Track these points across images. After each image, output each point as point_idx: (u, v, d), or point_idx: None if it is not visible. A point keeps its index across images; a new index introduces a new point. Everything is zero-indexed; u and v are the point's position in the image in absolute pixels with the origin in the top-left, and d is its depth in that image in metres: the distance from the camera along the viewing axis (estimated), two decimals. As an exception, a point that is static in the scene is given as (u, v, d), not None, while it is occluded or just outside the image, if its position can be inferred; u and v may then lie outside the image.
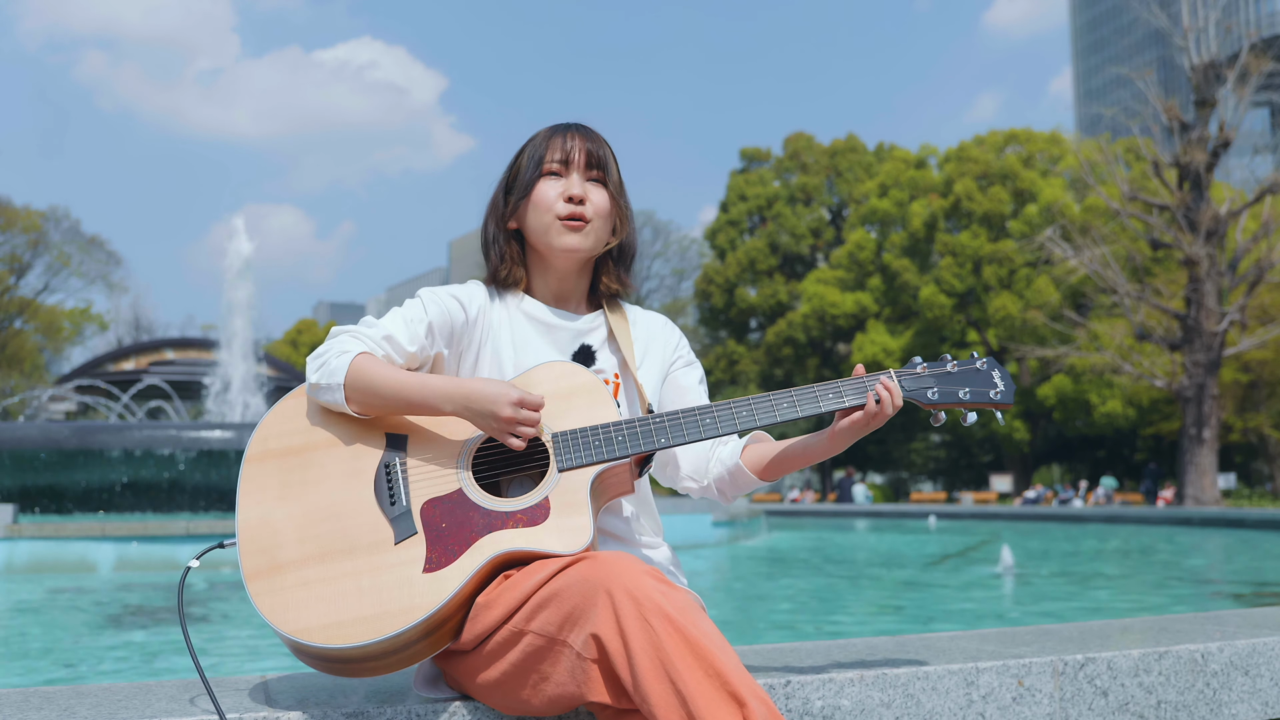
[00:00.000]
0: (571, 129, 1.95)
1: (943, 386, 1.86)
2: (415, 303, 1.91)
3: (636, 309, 2.10)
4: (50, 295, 50.36)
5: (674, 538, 2.11)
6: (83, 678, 3.99)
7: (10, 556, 8.22)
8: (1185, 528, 17.32)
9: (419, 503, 1.71)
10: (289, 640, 1.63)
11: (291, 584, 1.65)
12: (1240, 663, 2.31)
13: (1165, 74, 68.41)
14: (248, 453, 1.77)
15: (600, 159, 1.95)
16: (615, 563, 1.55)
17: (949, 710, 2.02)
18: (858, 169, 49.53)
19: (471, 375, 1.92)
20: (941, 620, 5.83)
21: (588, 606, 1.52)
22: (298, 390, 1.84)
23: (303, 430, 1.79)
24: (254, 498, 1.73)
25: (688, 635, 1.46)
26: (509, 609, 1.61)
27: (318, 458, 1.76)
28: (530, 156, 1.95)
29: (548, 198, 1.92)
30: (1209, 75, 26.88)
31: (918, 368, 1.87)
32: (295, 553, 1.67)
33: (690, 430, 1.79)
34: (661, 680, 1.43)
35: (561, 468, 1.74)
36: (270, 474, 1.75)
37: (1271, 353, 32.36)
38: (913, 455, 49.96)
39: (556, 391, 1.81)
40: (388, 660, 1.65)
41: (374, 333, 1.83)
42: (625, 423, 1.78)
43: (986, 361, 1.90)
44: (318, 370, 1.78)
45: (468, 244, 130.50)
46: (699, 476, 2.03)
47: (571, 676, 1.54)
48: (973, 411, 1.87)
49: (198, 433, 11.32)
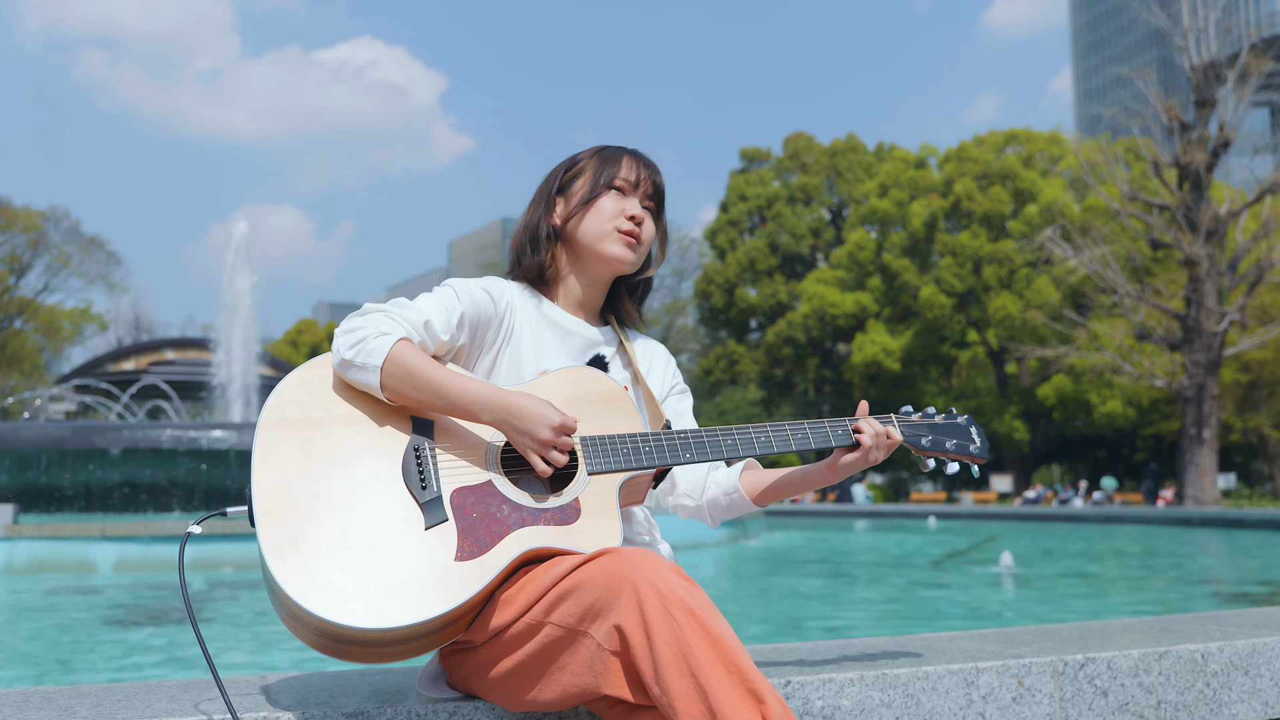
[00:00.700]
0: (642, 157, 2.02)
1: (934, 436, 1.99)
2: (448, 291, 1.87)
3: (637, 334, 2.13)
4: (50, 295, 50.43)
5: (674, 537, 2.11)
6: (83, 678, 3.99)
7: (10, 556, 8.22)
8: (1185, 528, 17.32)
9: (449, 489, 1.68)
10: (308, 615, 1.56)
11: (316, 560, 1.59)
12: (1240, 663, 2.31)
13: (1165, 74, 68.43)
14: (263, 418, 1.71)
15: (661, 193, 2.03)
16: (639, 557, 1.56)
17: (949, 710, 2.02)
18: (858, 169, 49.53)
19: (490, 373, 1.91)
20: (941, 620, 5.83)
21: (612, 599, 1.52)
22: (317, 360, 1.79)
23: (323, 401, 1.74)
24: (272, 465, 1.67)
25: (710, 631, 1.47)
26: (527, 603, 1.62)
27: (340, 432, 1.71)
28: (600, 168, 1.98)
29: (611, 209, 1.96)
30: (1209, 75, 26.88)
31: (913, 415, 2.01)
32: (320, 528, 1.62)
33: (714, 449, 1.84)
34: (684, 674, 1.44)
35: (591, 471, 1.75)
36: (289, 443, 1.69)
37: (1271, 353, 32.36)
38: (912, 456, 49.86)
39: (581, 396, 1.83)
40: (402, 648, 1.63)
41: (412, 316, 1.79)
42: (653, 435, 1.81)
43: (966, 418, 2.04)
44: (353, 347, 1.72)
45: (468, 244, 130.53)
46: (695, 495, 2.06)
47: (589, 668, 1.54)
48: (954, 463, 1.99)
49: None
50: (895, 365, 42.77)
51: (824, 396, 49.33)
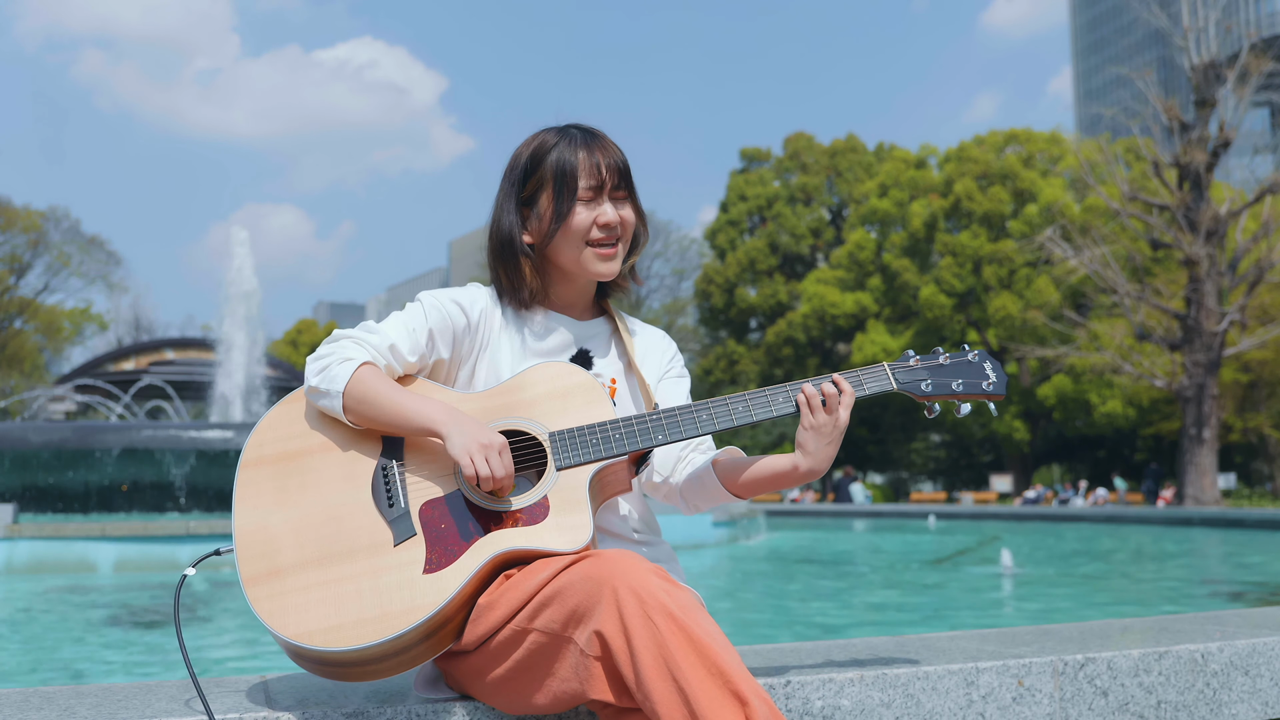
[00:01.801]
0: (594, 146, 1.89)
1: (936, 379, 1.86)
2: (416, 308, 1.87)
3: (636, 321, 2.10)
4: (50, 295, 50.40)
5: (674, 537, 2.11)
6: (83, 678, 3.99)
7: (10, 556, 8.22)
8: (1185, 528, 17.31)
9: (418, 504, 1.70)
10: (289, 645, 1.62)
11: (290, 588, 1.63)
12: (1240, 663, 2.31)
13: (1165, 74, 68.42)
14: (243, 459, 1.76)
15: (625, 171, 1.92)
16: (619, 560, 1.55)
17: (949, 710, 2.02)
18: (858, 169, 49.53)
19: (470, 381, 1.91)
20: (941, 620, 5.82)
21: (592, 604, 1.52)
22: (292, 395, 1.83)
23: (298, 435, 1.78)
24: (250, 503, 1.71)
25: (691, 633, 1.46)
26: (512, 609, 1.61)
27: (314, 462, 1.75)
28: (558, 177, 1.87)
29: (583, 227, 1.88)
30: (1209, 75, 26.87)
31: (910, 360, 1.88)
32: (294, 557, 1.66)
33: (686, 426, 1.79)
34: (664, 678, 1.44)
35: (559, 466, 1.74)
36: (266, 479, 1.74)
37: (1271, 353, 32.36)
38: (913, 455, 49.96)
39: (552, 391, 1.81)
40: (388, 663, 1.64)
41: (378, 341, 1.80)
42: (622, 420, 1.78)
43: (978, 354, 1.89)
44: (319, 374, 1.76)
45: (468, 244, 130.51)
46: (664, 470, 2.00)
47: (575, 673, 1.54)
48: (966, 403, 1.85)
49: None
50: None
51: (824, 396, 49.26)
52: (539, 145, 1.91)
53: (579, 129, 1.92)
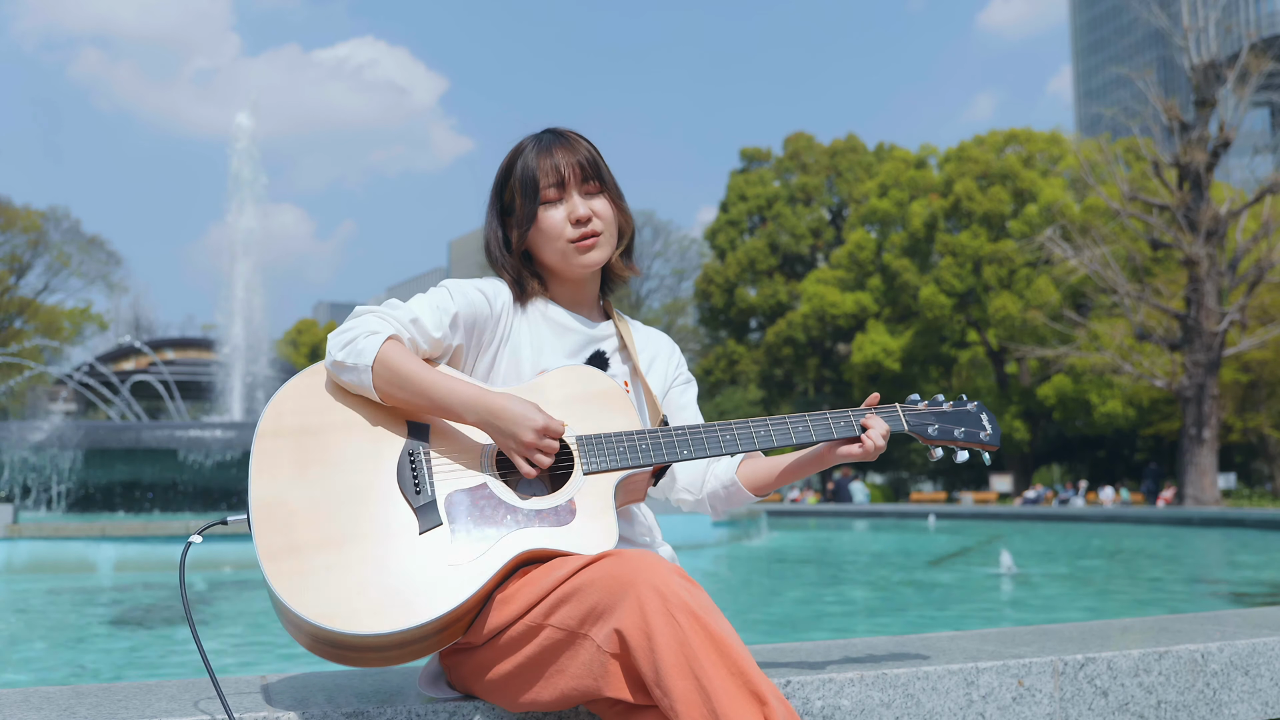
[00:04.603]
0: (554, 145, 1.91)
1: (941, 424, 1.95)
2: (442, 292, 1.87)
3: (640, 324, 2.11)
4: (50, 295, 50.39)
5: (674, 537, 2.11)
6: (83, 677, 3.99)
7: (10, 556, 8.22)
8: (1185, 528, 17.31)
9: (444, 493, 1.69)
10: (307, 624, 1.58)
11: (311, 566, 1.61)
12: (1240, 663, 2.31)
13: (1165, 74, 68.38)
14: (260, 427, 1.73)
15: (591, 166, 1.92)
16: (642, 559, 1.56)
17: (949, 710, 2.02)
18: (858, 169, 49.53)
19: (489, 373, 1.91)
20: (941, 620, 5.82)
21: (613, 602, 1.52)
22: (314, 368, 1.80)
23: (319, 409, 1.75)
24: (268, 474, 1.68)
25: (713, 632, 1.47)
26: (526, 604, 1.62)
27: (335, 439, 1.72)
28: (523, 182, 1.90)
29: (555, 226, 1.90)
30: (1209, 75, 26.88)
31: (919, 404, 1.96)
32: (314, 535, 1.64)
33: (711, 445, 1.82)
34: (686, 676, 1.44)
35: (587, 470, 1.75)
36: (284, 451, 1.71)
37: (1271, 353, 32.36)
38: (913, 455, 49.95)
39: (578, 395, 1.82)
40: (401, 651, 1.64)
41: (401, 315, 1.79)
42: (649, 432, 1.80)
43: (976, 405, 1.99)
44: (344, 348, 1.73)
45: (468, 244, 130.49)
46: (694, 490, 2.05)
47: (589, 670, 1.55)
48: (964, 450, 1.95)
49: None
50: (895, 365, 42.77)
51: (824, 396, 49.33)
52: (511, 154, 1.96)
53: (550, 132, 1.96)
